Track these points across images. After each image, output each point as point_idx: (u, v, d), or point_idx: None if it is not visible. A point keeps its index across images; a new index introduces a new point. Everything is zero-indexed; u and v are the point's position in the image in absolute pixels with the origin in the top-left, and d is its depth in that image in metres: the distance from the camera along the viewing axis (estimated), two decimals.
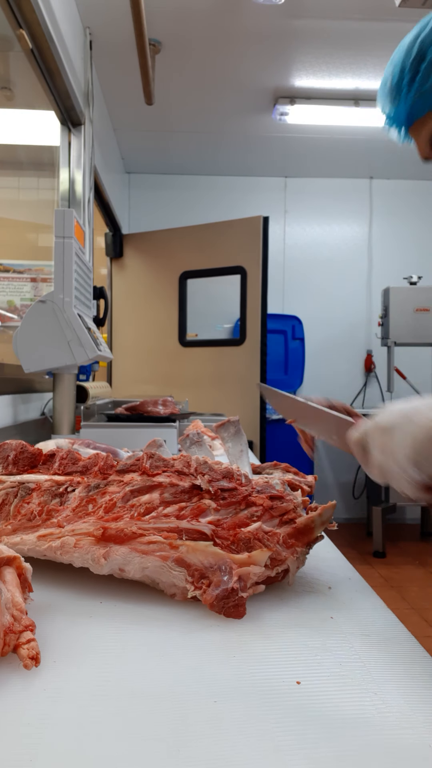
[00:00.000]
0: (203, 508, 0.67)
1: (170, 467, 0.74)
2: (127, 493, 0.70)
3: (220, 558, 0.60)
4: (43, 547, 0.66)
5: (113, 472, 0.75)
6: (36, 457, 0.82)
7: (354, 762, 0.38)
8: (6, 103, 2.82)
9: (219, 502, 0.68)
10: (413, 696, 0.45)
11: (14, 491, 0.75)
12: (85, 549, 0.64)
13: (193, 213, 4.60)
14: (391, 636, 0.56)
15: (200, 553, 0.61)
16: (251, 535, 0.64)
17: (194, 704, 0.43)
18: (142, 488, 0.70)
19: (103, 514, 0.68)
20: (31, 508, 0.72)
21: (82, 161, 2.67)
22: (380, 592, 0.74)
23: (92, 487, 0.73)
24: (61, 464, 0.80)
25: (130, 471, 0.75)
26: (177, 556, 0.61)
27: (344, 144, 4.10)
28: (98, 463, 0.78)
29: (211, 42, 2.91)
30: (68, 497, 0.73)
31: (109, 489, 0.72)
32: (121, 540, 0.63)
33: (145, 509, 0.67)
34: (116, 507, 0.68)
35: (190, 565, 0.61)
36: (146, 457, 0.75)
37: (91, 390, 2.11)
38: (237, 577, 0.59)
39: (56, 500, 0.73)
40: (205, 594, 0.59)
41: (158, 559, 0.61)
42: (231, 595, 0.58)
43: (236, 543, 0.63)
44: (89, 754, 0.38)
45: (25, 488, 0.75)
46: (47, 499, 0.73)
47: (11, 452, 0.82)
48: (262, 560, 0.61)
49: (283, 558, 0.64)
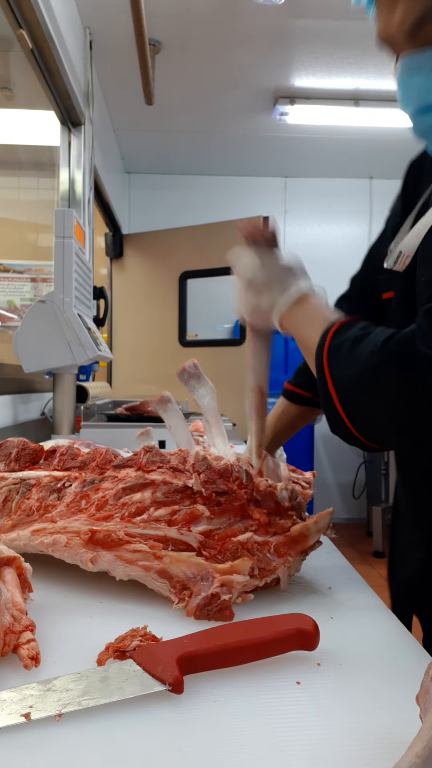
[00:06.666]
0: (196, 515, 0.64)
1: (166, 463, 0.72)
2: (119, 490, 0.68)
3: (202, 568, 0.60)
4: (36, 542, 0.66)
5: (110, 467, 0.74)
6: (38, 454, 0.82)
7: (354, 762, 0.38)
8: (6, 103, 2.82)
9: (213, 508, 0.65)
10: (413, 696, 0.45)
11: (16, 488, 0.75)
12: (74, 550, 0.63)
13: (193, 213, 4.60)
14: (391, 636, 0.56)
15: (183, 564, 0.60)
16: (239, 544, 0.63)
17: (194, 704, 0.43)
18: (134, 486, 0.68)
19: (94, 511, 0.67)
20: (30, 504, 0.72)
21: (82, 161, 2.67)
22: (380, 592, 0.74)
23: (87, 482, 0.72)
24: (60, 460, 0.79)
25: (127, 466, 0.73)
26: (160, 567, 0.60)
27: (344, 144, 4.10)
28: (96, 458, 0.77)
29: (211, 42, 2.91)
30: (65, 492, 0.72)
31: (102, 485, 0.71)
32: (107, 545, 0.62)
33: (136, 509, 0.66)
34: (108, 505, 0.67)
35: (172, 576, 0.60)
36: (144, 451, 0.73)
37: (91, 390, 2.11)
38: (219, 584, 0.59)
39: (54, 496, 0.72)
40: (188, 605, 0.59)
41: (141, 569, 0.61)
42: (212, 601, 0.58)
43: (222, 553, 0.62)
44: (89, 754, 0.38)
45: (26, 485, 0.75)
46: (45, 495, 0.73)
47: (13, 449, 0.82)
48: (245, 569, 0.60)
49: (272, 568, 0.63)
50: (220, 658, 0.47)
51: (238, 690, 0.45)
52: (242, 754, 0.38)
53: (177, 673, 0.44)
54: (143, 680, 0.44)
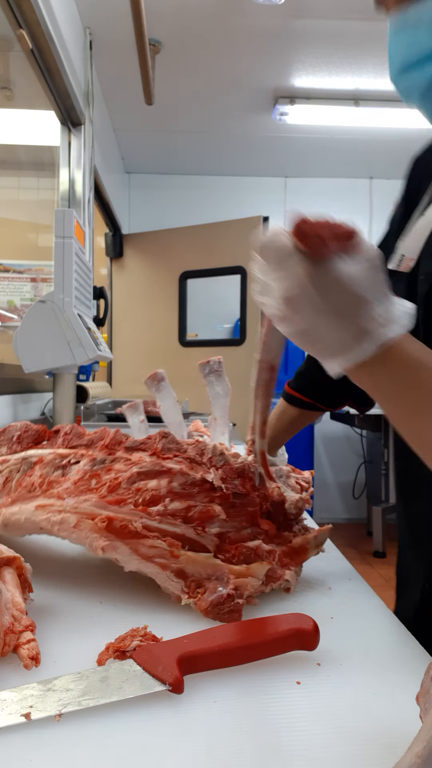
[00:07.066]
0: (213, 514, 0.62)
1: (183, 452, 0.68)
2: (134, 474, 0.64)
3: (218, 568, 0.59)
4: (41, 517, 0.63)
5: (121, 449, 0.70)
6: (41, 434, 0.79)
7: (354, 762, 0.38)
8: (6, 103, 2.82)
9: (229, 510, 0.64)
10: (413, 696, 0.45)
11: (17, 467, 0.71)
12: (85, 533, 0.61)
13: (193, 213, 4.60)
14: (391, 636, 0.56)
15: (199, 565, 0.59)
16: (251, 551, 0.62)
17: (194, 704, 0.43)
18: (150, 472, 0.64)
19: (106, 493, 0.63)
20: (32, 480, 0.68)
21: (82, 161, 2.67)
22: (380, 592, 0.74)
23: (98, 461, 0.67)
24: (65, 439, 0.75)
25: (140, 450, 0.69)
26: (177, 567, 0.59)
27: (344, 144, 4.10)
28: (105, 437, 0.72)
29: (211, 42, 2.91)
30: (71, 469, 0.68)
31: (114, 466, 0.66)
32: (123, 536, 0.60)
33: (150, 497, 0.62)
34: (120, 488, 0.64)
35: (188, 575, 0.60)
36: (159, 436, 0.69)
37: (91, 390, 2.11)
38: (233, 586, 0.58)
39: (58, 472, 0.68)
40: (200, 601, 0.58)
41: (158, 567, 0.60)
42: (226, 601, 0.57)
43: (237, 557, 0.62)
44: (89, 754, 0.38)
45: (28, 462, 0.71)
46: (49, 471, 0.68)
47: (16, 432, 0.79)
48: (261, 573, 0.60)
49: (278, 576, 0.63)
50: (220, 658, 0.47)
51: (238, 690, 0.45)
52: (242, 754, 0.38)
53: (177, 673, 0.44)
54: (143, 680, 0.44)
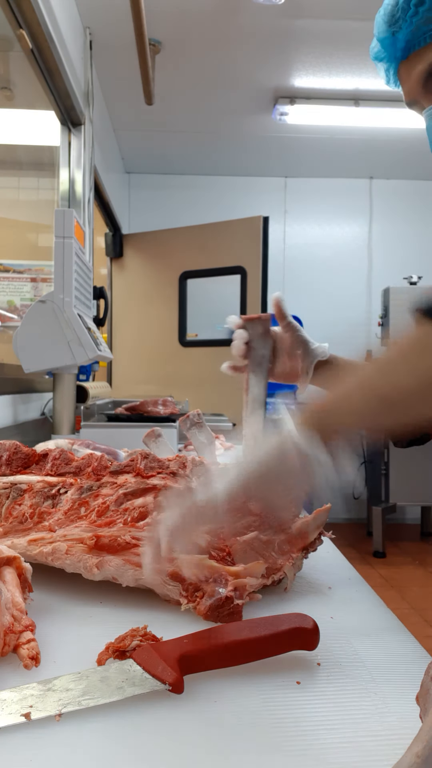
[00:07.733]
0: None
1: (165, 468, 0.72)
2: (120, 496, 0.68)
3: (216, 571, 0.60)
4: (34, 552, 0.65)
5: (107, 473, 0.73)
6: (30, 458, 0.81)
7: (354, 762, 0.38)
8: (6, 103, 2.82)
9: None
10: (413, 696, 0.45)
11: (6, 492, 0.73)
12: (77, 557, 0.62)
13: (193, 213, 4.60)
14: (391, 636, 0.56)
15: (195, 567, 0.60)
16: (247, 545, 0.62)
17: (194, 704, 0.43)
18: (135, 491, 0.68)
19: (95, 518, 0.66)
20: (23, 510, 0.70)
21: (82, 161, 2.67)
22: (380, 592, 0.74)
23: (85, 489, 0.71)
24: (53, 465, 0.78)
25: (124, 472, 0.72)
26: (172, 570, 0.60)
27: (344, 144, 4.09)
28: (92, 463, 0.75)
29: (211, 42, 2.91)
30: (60, 499, 0.71)
31: (101, 491, 0.70)
32: (114, 550, 0.61)
33: (138, 514, 0.65)
34: (109, 510, 0.67)
35: (185, 579, 0.60)
36: (140, 457, 0.73)
37: (91, 390, 2.11)
38: (233, 588, 0.58)
39: (48, 502, 0.71)
40: (199, 605, 0.58)
41: (153, 572, 0.60)
42: (225, 604, 0.57)
43: (231, 554, 0.62)
44: (89, 754, 0.38)
45: (17, 489, 0.73)
46: (39, 501, 0.71)
47: (5, 453, 0.81)
48: (259, 572, 0.60)
49: (278, 566, 0.63)
50: (220, 658, 0.47)
51: (238, 690, 0.45)
52: (242, 754, 0.38)
53: (177, 673, 0.44)
54: (143, 680, 0.44)
